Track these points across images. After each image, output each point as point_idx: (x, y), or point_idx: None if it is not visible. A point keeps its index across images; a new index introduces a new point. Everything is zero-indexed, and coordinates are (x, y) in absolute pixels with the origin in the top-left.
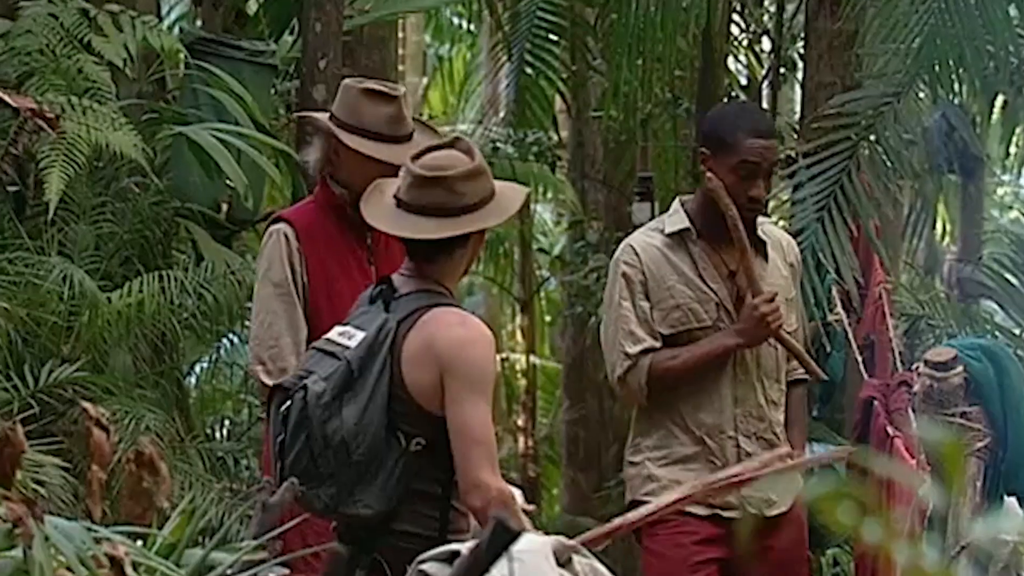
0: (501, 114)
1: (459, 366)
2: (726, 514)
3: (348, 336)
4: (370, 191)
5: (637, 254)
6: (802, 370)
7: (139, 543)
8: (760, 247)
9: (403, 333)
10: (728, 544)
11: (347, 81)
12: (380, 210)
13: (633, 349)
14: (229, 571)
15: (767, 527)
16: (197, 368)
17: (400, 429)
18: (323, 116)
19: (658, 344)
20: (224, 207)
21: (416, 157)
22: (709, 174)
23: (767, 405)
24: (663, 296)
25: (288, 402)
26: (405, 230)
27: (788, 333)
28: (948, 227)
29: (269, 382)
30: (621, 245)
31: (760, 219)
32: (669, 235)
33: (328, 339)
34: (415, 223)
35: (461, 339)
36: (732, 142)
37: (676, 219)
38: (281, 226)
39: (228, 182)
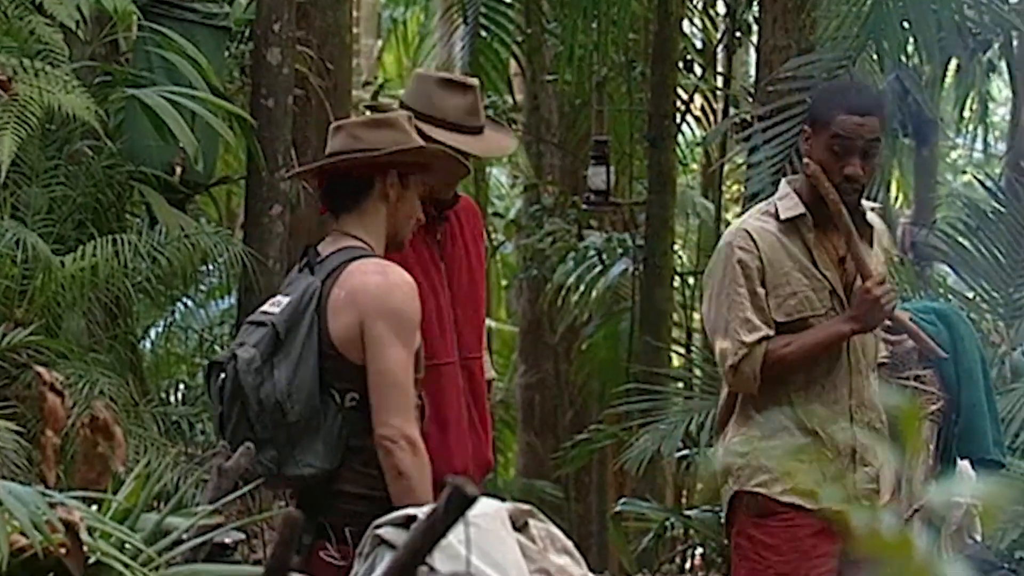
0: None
1: (377, 311)
2: (836, 507)
3: (276, 304)
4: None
5: (753, 240)
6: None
7: (94, 508)
8: (866, 231)
9: (327, 290)
10: (839, 536)
11: (420, 71)
12: (298, 169)
13: (749, 338)
14: (185, 536)
15: None
16: (151, 332)
17: (333, 386)
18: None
19: (772, 332)
20: (178, 170)
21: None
22: (807, 159)
23: (876, 394)
24: (779, 283)
25: (222, 374)
26: (300, 169)
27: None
28: (902, 191)
29: None
30: (733, 230)
31: (867, 203)
32: (784, 221)
33: (260, 311)
34: (309, 167)
35: (379, 285)
36: (827, 119)
37: (789, 204)
38: None
39: (181, 145)
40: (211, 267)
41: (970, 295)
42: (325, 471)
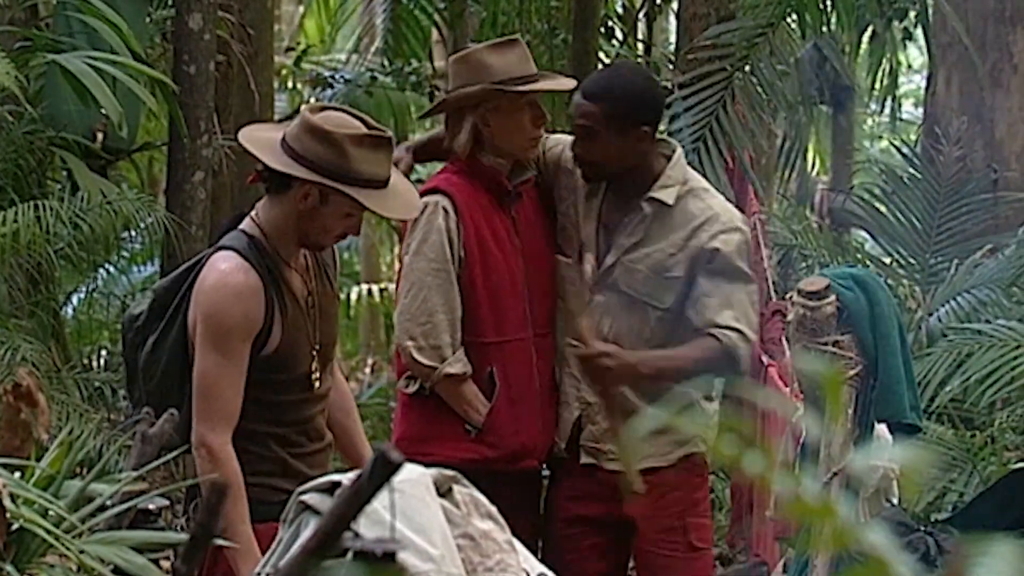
0: (377, 44)
1: (201, 310)
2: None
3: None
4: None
5: None
6: None
7: (17, 475)
8: (636, 207)
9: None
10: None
11: (458, 56)
12: (258, 133)
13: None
14: (109, 502)
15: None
16: (73, 298)
17: (191, 367)
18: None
19: None
20: (99, 136)
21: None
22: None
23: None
24: None
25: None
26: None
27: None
28: (820, 157)
29: (423, 360)
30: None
31: (694, 185)
32: None
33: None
34: (268, 152)
35: (209, 284)
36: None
37: None
38: (438, 198)
39: (103, 111)
40: (133, 233)
41: (887, 260)
42: (187, 444)
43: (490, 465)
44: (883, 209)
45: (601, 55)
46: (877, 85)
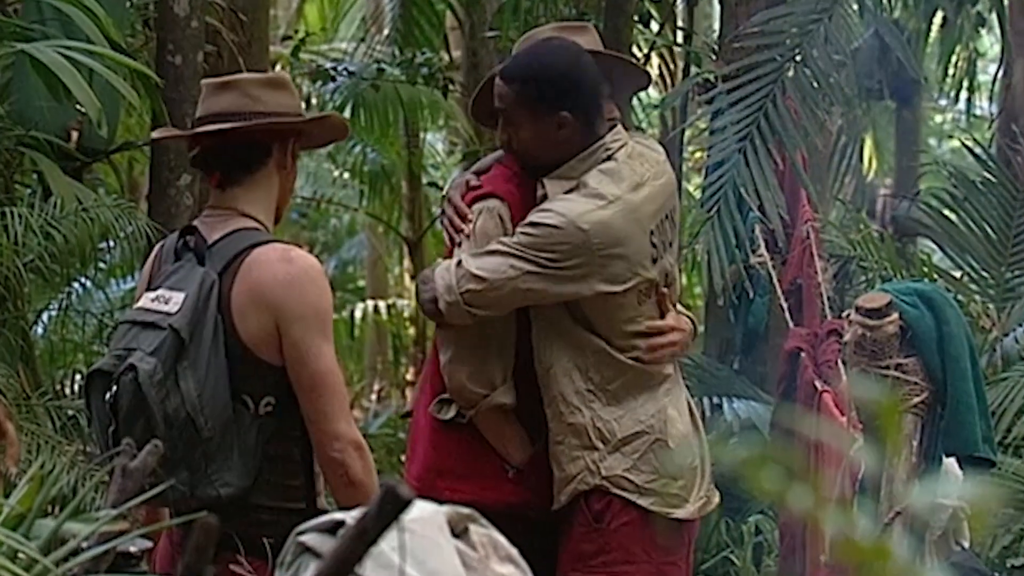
0: (385, 31)
1: (292, 307)
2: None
3: (164, 300)
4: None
5: None
6: None
7: None
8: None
9: (227, 285)
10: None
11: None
12: (171, 131)
13: None
14: (85, 544)
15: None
16: (44, 316)
17: (246, 392)
18: None
19: None
20: (74, 135)
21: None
22: None
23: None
24: None
25: (114, 387)
26: (196, 127)
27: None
28: (881, 158)
29: (471, 386)
30: None
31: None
32: None
33: (141, 308)
34: (206, 128)
35: (288, 277)
36: None
37: None
38: (494, 204)
39: (78, 107)
40: (112, 243)
41: (957, 274)
42: (243, 488)
43: (529, 510)
44: (953, 217)
45: (635, 46)
46: (946, 77)
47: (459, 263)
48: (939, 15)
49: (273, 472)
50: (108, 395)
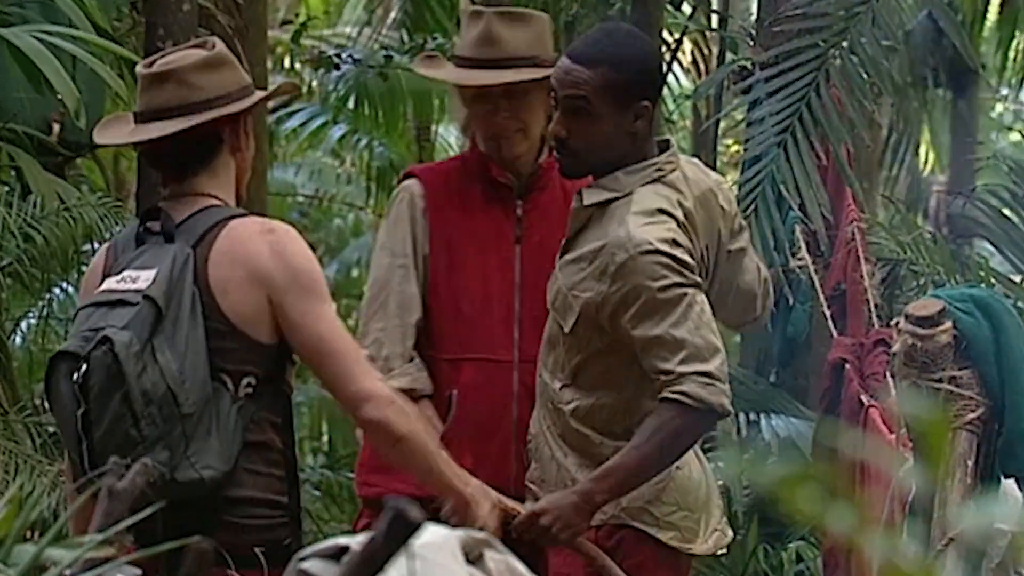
0: (393, 15)
1: (283, 278)
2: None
3: (132, 279)
4: (111, 118)
5: None
6: None
7: None
8: (580, 216)
9: (203, 257)
10: None
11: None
12: (115, 128)
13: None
14: (68, 571)
15: None
16: (23, 325)
17: (224, 370)
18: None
19: None
20: (55, 128)
21: (148, 65)
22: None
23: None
24: None
25: (83, 366)
26: (125, 139)
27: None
28: (935, 153)
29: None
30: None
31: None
32: None
33: (104, 290)
34: (139, 130)
35: (274, 248)
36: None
37: None
38: (410, 183)
39: (59, 97)
40: (96, 245)
41: (1017, 279)
42: (223, 473)
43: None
44: (1012, 216)
45: (665, 30)
46: (1006, 64)
47: (695, 374)
48: None
49: (253, 460)
50: (76, 376)
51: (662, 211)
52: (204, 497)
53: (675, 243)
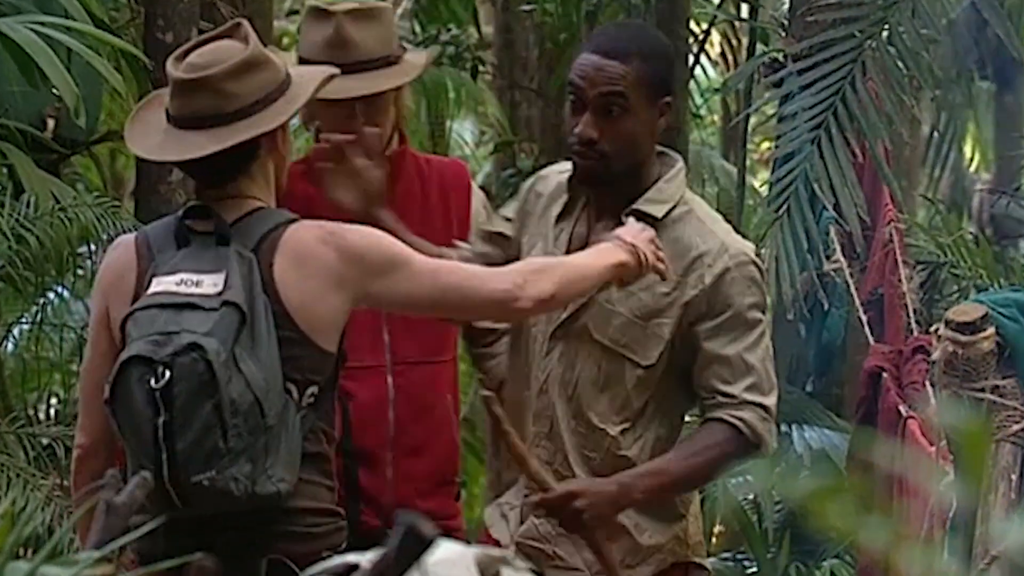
0: (405, 4)
1: (361, 270)
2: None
3: (194, 283)
4: (147, 102)
5: None
6: None
7: None
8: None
9: (267, 264)
10: None
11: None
12: (145, 130)
13: None
14: None
15: None
16: (15, 331)
17: (292, 380)
18: None
19: None
20: (50, 124)
21: (180, 57)
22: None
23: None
24: None
25: (165, 373)
26: (165, 153)
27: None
28: (979, 150)
29: None
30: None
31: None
32: None
33: (164, 292)
34: (178, 142)
35: (339, 248)
36: (575, 58)
37: None
38: None
39: (55, 92)
40: (93, 247)
41: None
42: (293, 485)
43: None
44: None
45: (693, 20)
46: None
47: (757, 406)
48: None
49: (309, 471)
50: (154, 381)
51: (724, 219)
52: (270, 510)
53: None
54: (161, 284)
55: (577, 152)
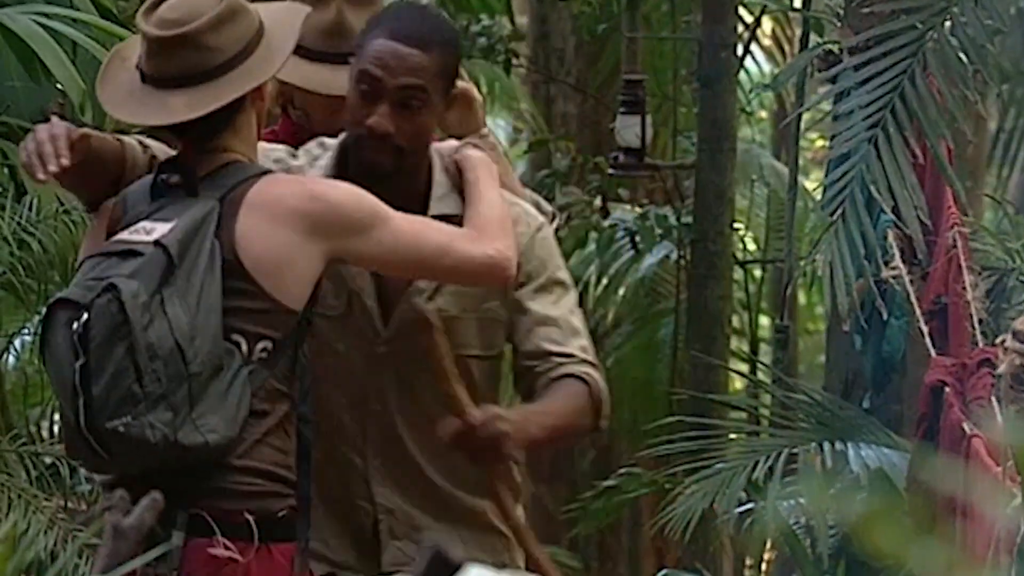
0: None
1: (344, 228)
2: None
3: (146, 231)
4: (109, 61)
5: None
6: None
7: None
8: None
9: (231, 213)
10: None
11: None
12: (119, 89)
13: None
14: None
15: None
16: (17, 342)
17: (239, 331)
18: None
19: None
20: (54, 121)
21: (149, 11)
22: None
23: None
24: None
25: (84, 315)
26: (151, 117)
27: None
28: None
29: None
30: None
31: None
32: None
33: (117, 240)
34: (162, 104)
35: (318, 200)
36: (363, 44)
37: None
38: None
39: (59, 86)
40: None
41: None
42: (228, 439)
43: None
44: None
45: (742, 7)
46: None
47: (591, 364)
48: None
49: (257, 429)
50: (76, 325)
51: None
52: (205, 464)
53: None
54: (119, 235)
55: (368, 146)
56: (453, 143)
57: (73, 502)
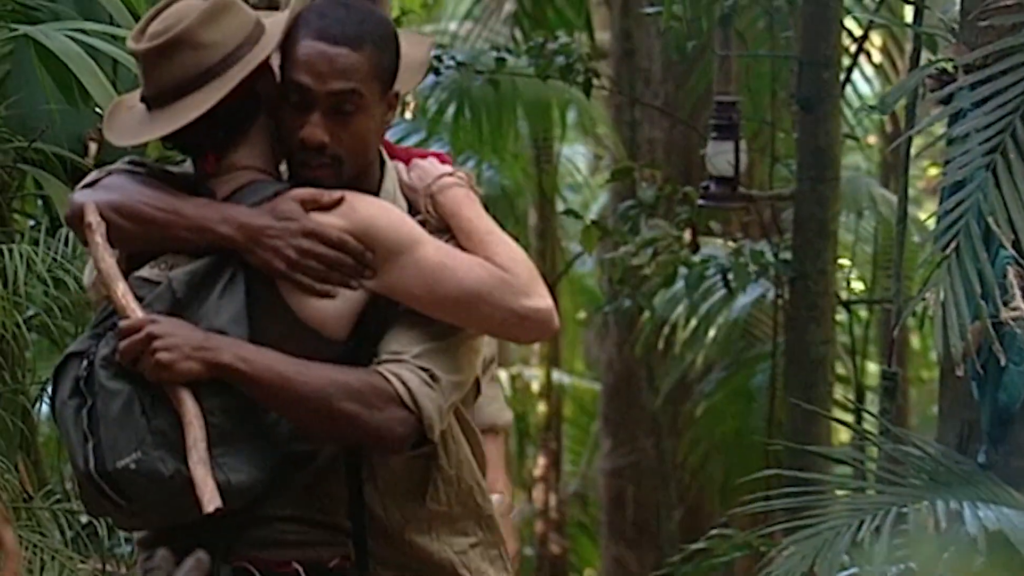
0: (507, 7)
1: (388, 252)
2: None
3: (167, 267)
4: (112, 108)
5: None
6: None
7: None
8: None
9: None
10: None
11: None
12: (125, 122)
13: None
14: None
15: None
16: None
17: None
18: None
19: None
20: (92, 147)
21: (139, 33)
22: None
23: None
24: None
25: (84, 361)
26: (159, 128)
27: None
28: None
29: None
30: None
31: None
32: None
33: (136, 277)
34: (172, 113)
35: (358, 208)
36: (290, 47)
37: None
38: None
39: (97, 110)
40: None
41: None
42: (256, 480)
43: None
44: None
45: (848, 23)
46: None
47: (425, 371)
48: None
49: (304, 474)
50: (80, 369)
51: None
52: (241, 504)
53: None
54: (140, 271)
55: (302, 161)
56: (425, 169)
57: (111, 565)
